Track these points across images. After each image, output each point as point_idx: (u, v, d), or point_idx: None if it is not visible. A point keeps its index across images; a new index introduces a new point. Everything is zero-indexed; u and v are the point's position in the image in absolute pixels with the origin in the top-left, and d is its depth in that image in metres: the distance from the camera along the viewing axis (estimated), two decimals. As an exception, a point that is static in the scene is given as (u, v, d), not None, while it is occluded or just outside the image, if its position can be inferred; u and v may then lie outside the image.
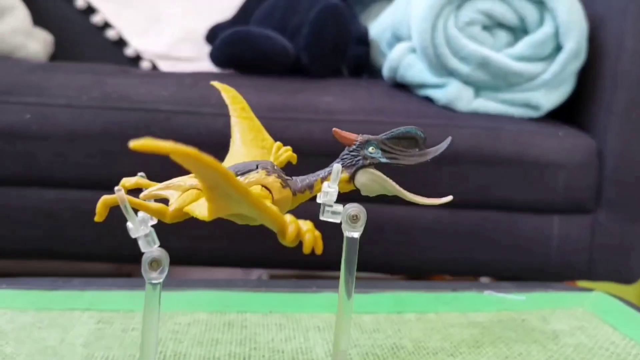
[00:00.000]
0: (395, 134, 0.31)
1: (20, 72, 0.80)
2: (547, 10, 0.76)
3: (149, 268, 0.30)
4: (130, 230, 0.29)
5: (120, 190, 0.27)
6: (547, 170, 0.77)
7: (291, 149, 0.38)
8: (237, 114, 0.38)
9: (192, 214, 0.27)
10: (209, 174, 0.21)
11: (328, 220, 0.30)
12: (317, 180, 0.31)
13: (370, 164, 0.31)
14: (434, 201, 0.32)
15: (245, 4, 1.17)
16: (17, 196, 0.74)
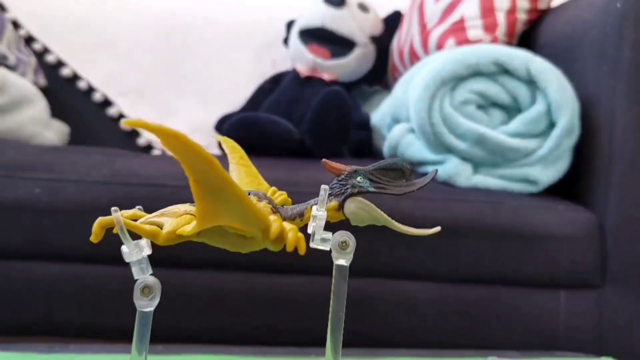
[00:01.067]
0: (383, 165, 0.32)
1: (34, 152, 0.84)
2: (539, 89, 0.79)
3: (141, 294, 0.30)
4: (124, 254, 0.30)
5: (117, 211, 0.28)
6: (549, 244, 0.77)
7: (286, 193, 0.39)
8: (235, 161, 0.39)
9: (183, 234, 0.28)
10: (194, 160, 0.22)
11: (318, 247, 0.31)
12: (307, 208, 0.32)
13: (358, 192, 0.32)
14: (422, 232, 0.32)
15: (252, 97, 1.23)
16: (22, 270, 0.75)
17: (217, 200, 0.24)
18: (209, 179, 0.23)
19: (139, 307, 0.30)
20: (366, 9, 1.21)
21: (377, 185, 0.32)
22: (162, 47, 1.33)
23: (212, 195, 0.24)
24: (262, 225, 0.24)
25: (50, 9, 1.33)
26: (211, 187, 0.24)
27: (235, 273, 0.76)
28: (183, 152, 0.22)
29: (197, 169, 0.23)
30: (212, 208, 0.25)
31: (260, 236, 0.25)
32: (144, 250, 0.31)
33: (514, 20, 0.95)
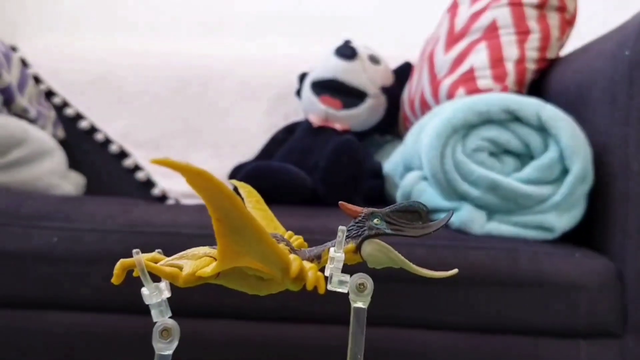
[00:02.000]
0: (399, 207, 0.33)
1: (53, 202, 0.85)
2: (550, 136, 0.80)
3: (159, 337, 0.30)
4: (144, 296, 0.30)
5: (139, 253, 0.29)
6: (567, 292, 0.76)
7: (302, 237, 0.39)
8: (251, 205, 0.40)
9: (203, 275, 0.28)
10: (217, 198, 0.22)
11: (335, 290, 0.31)
12: (324, 250, 0.32)
13: (375, 234, 0.32)
14: (439, 274, 0.32)
15: (266, 147, 1.25)
16: (37, 319, 0.75)
17: (238, 238, 0.25)
18: (231, 217, 0.24)
19: (158, 350, 0.30)
20: (377, 60, 1.24)
21: (394, 227, 0.32)
22: (178, 100, 1.36)
23: (234, 233, 0.25)
24: (282, 264, 0.24)
25: (70, 65, 1.38)
26: (233, 225, 0.24)
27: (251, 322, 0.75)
28: (207, 190, 0.23)
29: (219, 207, 0.24)
30: (234, 246, 0.25)
31: (280, 276, 0.25)
32: (163, 292, 0.31)
33: (523, 70, 0.97)
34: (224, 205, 0.23)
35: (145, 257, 0.33)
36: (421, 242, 0.78)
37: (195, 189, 0.23)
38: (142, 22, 1.61)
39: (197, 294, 0.74)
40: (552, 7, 0.98)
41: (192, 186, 0.22)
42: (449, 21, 1.09)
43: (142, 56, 1.41)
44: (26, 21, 1.60)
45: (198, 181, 0.22)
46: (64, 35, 1.59)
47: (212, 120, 1.35)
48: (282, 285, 0.28)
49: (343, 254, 0.31)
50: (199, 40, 1.59)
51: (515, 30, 0.98)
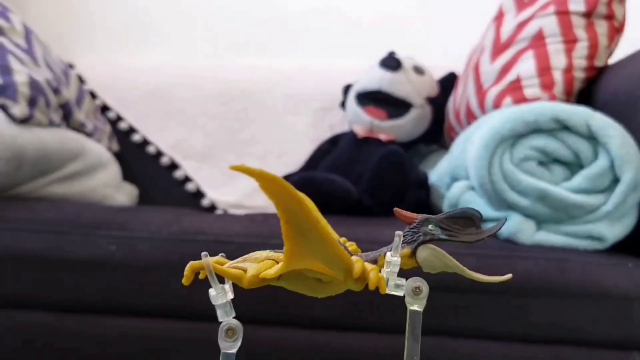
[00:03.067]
0: (453, 214, 0.34)
1: (109, 212, 0.89)
2: (600, 145, 0.79)
3: (225, 336, 0.32)
4: (211, 297, 0.32)
5: (207, 256, 0.31)
6: (619, 303, 0.75)
7: (355, 244, 0.40)
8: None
9: (267, 276, 0.30)
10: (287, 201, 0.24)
11: (392, 293, 0.32)
12: (380, 255, 0.33)
13: (430, 239, 0.33)
14: (494, 279, 0.33)
15: (311, 158, 1.27)
16: (94, 324, 0.78)
17: (305, 240, 0.26)
18: (299, 220, 0.25)
19: (223, 348, 0.32)
20: (421, 71, 1.25)
21: (448, 233, 0.33)
22: (225, 113, 1.39)
23: (301, 235, 0.26)
24: (345, 265, 0.25)
25: (123, 81, 1.43)
26: (300, 228, 0.26)
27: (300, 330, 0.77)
28: (278, 194, 0.24)
29: (289, 210, 0.25)
30: (300, 248, 0.27)
31: (342, 276, 0.26)
32: (228, 294, 0.33)
33: (571, 79, 0.96)
34: (293, 209, 0.25)
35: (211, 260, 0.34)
36: (470, 251, 0.78)
37: (267, 193, 0.24)
38: (189, 37, 1.67)
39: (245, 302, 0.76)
40: (599, 15, 0.97)
41: (265, 190, 0.24)
42: (495, 31, 1.09)
43: (190, 71, 1.45)
44: (81, 38, 1.67)
45: (271, 186, 0.23)
46: (117, 52, 1.65)
47: (258, 132, 1.38)
48: (343, 286, 0.29)
49: (399, 258, 0.32)
50: (245, 54, 1.63)
51: (562, 39, 0.97)
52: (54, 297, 0.79)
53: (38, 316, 0.79)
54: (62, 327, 0.79)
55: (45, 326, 0.79)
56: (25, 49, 1.10)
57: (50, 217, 0.85)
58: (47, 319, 0.79)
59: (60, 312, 0.79)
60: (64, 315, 0.79)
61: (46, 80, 1.07)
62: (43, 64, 1.12)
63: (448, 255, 0.33)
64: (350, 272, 0.25)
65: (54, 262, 0.79)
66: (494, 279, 0.33)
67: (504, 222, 0.34)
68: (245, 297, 0.76)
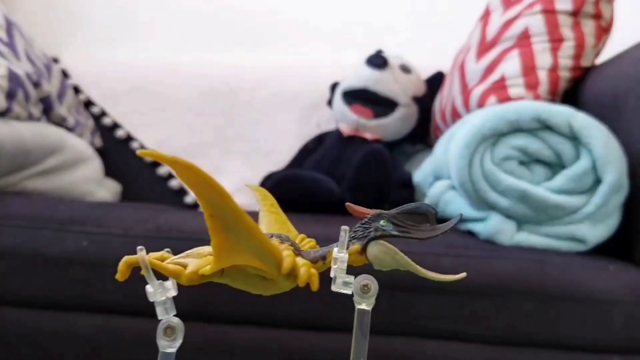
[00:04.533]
0: (407, 209, 0.32)
1: (85, 207, 0.87)
2: (582, 145, 0.77)
3: (163, 334, 0.30)
4: (148, 294, 0.30)
5: (142, 250, 0.29)
6: (600, 306, 0.73)
7: (314, 240, 0.39)
8: (265, 208, 0.40)
9: (205, 273, 0.28)
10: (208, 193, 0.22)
11: (339, 291, 0.31)
12: (329, 251, 0.32)
13: (381, 235, 0.32)
14: (446, 277, 0.32)
15: (297, 156, 1.26)
16: (66, 321, 0.77)
17: (231, 234, 0.25)
18: (223, 213, 0.24)
19: (161, 347, 0.30)
20: (408, 70, 1.23)
21: (400, 229, 0.32)
22: (211, 110, 1.38)
23: (227, 229, 0.25)
24: (275, 260, 0.24)
25: (109, 76, 1.42)
26: (225, 221, 0.24)
27: (276, 330, 0.75)
28: (197, 185, 0.23)
29: (211, 202, 0.24)
30: (228, 243, 0.25)
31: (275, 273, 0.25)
32: (169, 291, 0.31)
33: (556, 78, 0.95)
34: (214, 201, 0.23)
35: (152, 256, 0.33)
36: (447, 252, 0.77)
37: (185, 182, 0.23)
38: (177, 33, 1.65)
39: (215, 300, 0.75)
40: (587, 14, 0.96)
41: (182, 180, 0.22)
42: (481, 30, 1.07)
43: (176, 67, 1.44)
44: (68, 33, 1.65)
45: (187, 175, 0.22)
46: (103, 47, 1.64)
47: (244, 129, 1.37)
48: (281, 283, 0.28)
49: (347, 254, 0.31)
50: (232, 51, 1.62)
51: (548, 38, 0.96)
52: (24, 293, 0.77)
53: (8, 312, 0.78)
54: (32, 323, 0.78)
55: (16, 323, 0.77)
56: (6, 42, 1.08)
57: (24, 212, 0.83)
58: (17, 315, 0.77)
59: (31, 309, 0.78)
60: (34, 311, 0.78)
61: (26, 74, 1.05)
62: (24, 57, 1.11)
63: (400, 252, 0.32)
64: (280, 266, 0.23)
65: (25, 258, 0.77)
66: (447, 278, 0.32)
67: (458, 219, 0.32)
68: (220, 295, 0.74)
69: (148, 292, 0.30)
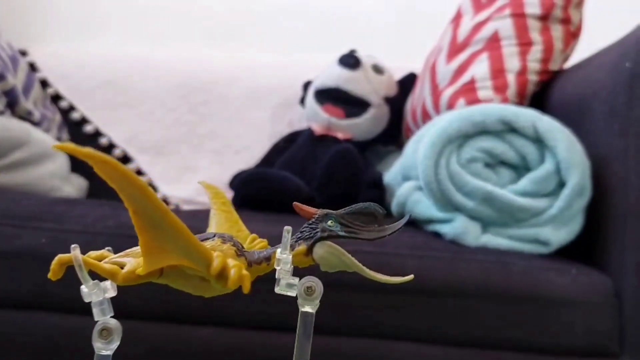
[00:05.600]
0: (355, 210, 0.32)
1: (45, 203, 0.85)
2: (547, 148, 0.78)
3: (99, 337, 0.29)
4: (83, 294, 0.29)
5: (77, 248, 0.28)
6: (562, 309, 0.74)
7: (267, 241, 0.38)
8: (217, 207, 0.39)
9: (140, 274, 0.27)
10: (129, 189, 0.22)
11: (283, 293, 0.30)
12: (274, 253, 0.31)
13: (328, 236, 0.31)
14: (393, 279, 0.31)
15: (267, 155, 1.25)
16: (22, 320, 0.75)
17: (158, 233, 0.24)
18: (146, 210, 0.23)
19: (97, 349, 0.30)
20: (381, 70, 1.23)
21: (348, 229, 0.32)
22: (183, 106, 1.36)
23: (153, 227, 0.24)
24: (204, 260, 0.23)
25: (78, 70, 1.39)
26: (150, 218, 0.23)
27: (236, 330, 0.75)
28: (117, 180, 0.22)
29: (133, 198, 0.23)
30: (156, 242, 0.25)
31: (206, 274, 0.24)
32: (107, 291, 0.30)
33: (524, 82, 0.96)
34: (136, 197, 0.23)
35: (91, 255, 0.32)
36: (412, 253, 0.76)
37: (105, 178, 0.22)
38: (149, 28, 1.63)
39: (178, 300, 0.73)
40: (555, 19, 0.97)
41: (102, 175, 0.22)
42: (452, 32, 1.08)
43: (148, 62, 1.42)
44: (38, 26, 1.62)
45: (105, 169, 0.21)
46: (73, 41, 1.61)
47: (216, 126, 1.35)
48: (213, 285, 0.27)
49: (290, 256, 0.30)
50: (205, 47, 1.60)
51: (517, 41, 0.96)
52: (-21, 291, 0.75)
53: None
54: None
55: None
56: (-31, 32, 1.06)
57: (-18, 207, 0.81)
58: (-29, 313, 0.75)
59: (-13, 306, 0.76)
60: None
61: (-11, 66, 1.03)
62: (-12, 48, 1.08)
63: (346, 254, 0.31)
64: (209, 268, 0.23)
65: (-19, 254, 0.75)
66: (393, 280, 0.31)
67: (405, 220, 0.32)
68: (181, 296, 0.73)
69: (83, 293, 0.29)
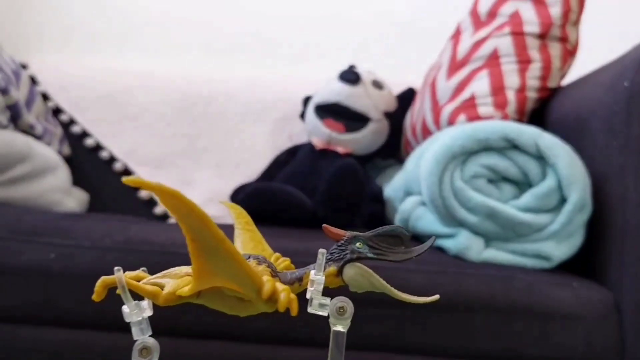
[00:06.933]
0: (382, 232, 0.33)
1: (52, 218, 0.86)
2: (548, 164, 0.80)
3: (139, 356, 0.30)
4: (124, 314, 0.30)
5: (120, 271, 0.29)
6: (563, 322, 0.75)
7: (289, 259, 0.39)
8: (241, 226, 0.40)
9: (182, 294, 0.28)
10: (190, 218, 0.23)
11: (316, 312, 0.31)
12: (305, 273, 0.32)
13: (357, 258, 0.32)
14: (420, 299, 0.32)
15: (268, 168, 1.26)
16: (29, 335, 0.75)
17: (212, 258, 0.25)
18: (204, 238, 0.24)
19: (137, 369, 0.30)
20: (380, 86, 1.25)
21: (376, 251, 0.33)
22: (183, 120, 1.37)
23: (208, 253, 0.25)
24: (255, 285, 0.24)
25: (78, 83, 1.39)
26: (206, 246, 0.25)
27: (240, 344, 0.75)
28: (179, 211, 0.23)
29: (192, 227, 0.24)
30: (208, 267, 0.26)
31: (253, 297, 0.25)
32: (145, 311, 0.31)
33: (524, 99, 0.98)
34: (196, 226, 0.24)
35: (128, 275, 0.33)
36: (417, 267, 0.78)
37: (168, 209, 0.23)
38: (149, 42, 1.64)
39: (188, 315, 0.74)
40: (553, 37, 0.99)
41: (166, 206, 0.23)
42: (452, 49, 1.10)
43: (148, 76, 1.43)
44: (38, 39, 1.63)
45: (171, 202, 0.22)
46: (73, 54, 1.61)
47: (216, 140, 1.36)
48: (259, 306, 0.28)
49: (323, 276, 0.31)
50: (206, 61, 1.61)
51: (516, 59, 0.99)
52: (-13, 306, 0.75)
53: (-30, 326, 0.76)
54: (-4, 337, 0.76)
55: (-23, 336, 0.75)
56: (-27, 47, 1.06)
57: (-11, 222, 0.81)
58: (-21, 328, 0.75)
59: (-6, 322, 0.76)
60: (-2, 325, 0.76)
61: (-7, 80, 1.04)
62: (-9, 63, 1.09)
63: (375, 275, 0.33)
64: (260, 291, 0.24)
65: (-11, 270, 0.75)
66: (422, 300, 0.33)
67: (432, 242, 0.33)
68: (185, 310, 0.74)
69: (124, 313, 0.30)
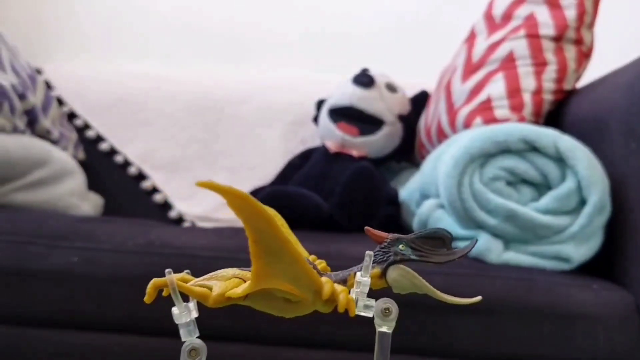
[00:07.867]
0: (424, 234, 0.33)
1: (73, 222, 0.86)
2: (568, 167, 0.80)
3: (188, 357, 0.31)
4: (174, 316, 0.31)
5: (171, 273, 0.30)
6: (584, 324, 0.75)
7: (325, 262, 0.40)
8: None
9: (233, 296, 0.29)
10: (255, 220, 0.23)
11: (361, 314, 0.31)
12: (350, 275, 0.33)
13: (400, 260, 0.33)
14: (463, 300, 0.33)
15: (282, 172, 1.26)
16: (52, 338, 0.75)
17: (273, 260, 0.26)
18: (268, 239, 0.24)
19: (186, 369, 0.31)
20: (394, 89, 1.25)
21: (418, 253, 0.33)
22: (197, 124, 1.38)
23: (270, 255, 0.25)
24: (314, 286, 0.25)
25: (93, 88, 1.41)
26: (269, 247, 0.25)
27: (267, 347, 0.76)
28: (246, 212, 0.24)
29: (257, 229, 0.25)
30: (268, 268, 0.26)
31: (311, 298, 0.26)
32: (192, 312, 0.32)
33: (540, 101, 0.98)
34: (262, 228, 0.24)
35: (175, 277, 0.33)
36: (438, 270, 0.78)
37: (235, 211, 0.23)
38: (163, 48, 1.65)
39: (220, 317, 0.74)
40: (568, 39, 1.00)
41: (233, 208, 0.23)
42: (467, 52, 1.10)
43: (162, 80, 1.43)
44: (51, 44, 1.64)
45: (239, 204, 0.23)
46: (87, 59, 1.63)
47: (229, 144, 1.37)
48: (312, 307, 0.28)
49: (369, 278, 0.32)
50: (219, 65, 1.62)
51: (532, 61, 0.99)
52: (11, 310, 0.76)
53: (-6, 329, 0.76)
54: (19, 341, 0.76)
55: (2, 340, 0.76)
56: (-9, 52, 1.07)
57: (11, 227, 0.82)
58: (4, 332, 0.76)
59: (19, 326, 0.76)
60: (22, 329, 0.76)
61: (12, 85, 1.04)
62: (9, 68, 1.10)
63: (418, 276, 0.33)
64: (320, 294, 0.24)
65: (12, 274, 0.76)
66: (463, 301, 0.33)
67: (474, 243, 0.33)
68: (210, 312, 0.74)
69: (174, 314, 0.30)
